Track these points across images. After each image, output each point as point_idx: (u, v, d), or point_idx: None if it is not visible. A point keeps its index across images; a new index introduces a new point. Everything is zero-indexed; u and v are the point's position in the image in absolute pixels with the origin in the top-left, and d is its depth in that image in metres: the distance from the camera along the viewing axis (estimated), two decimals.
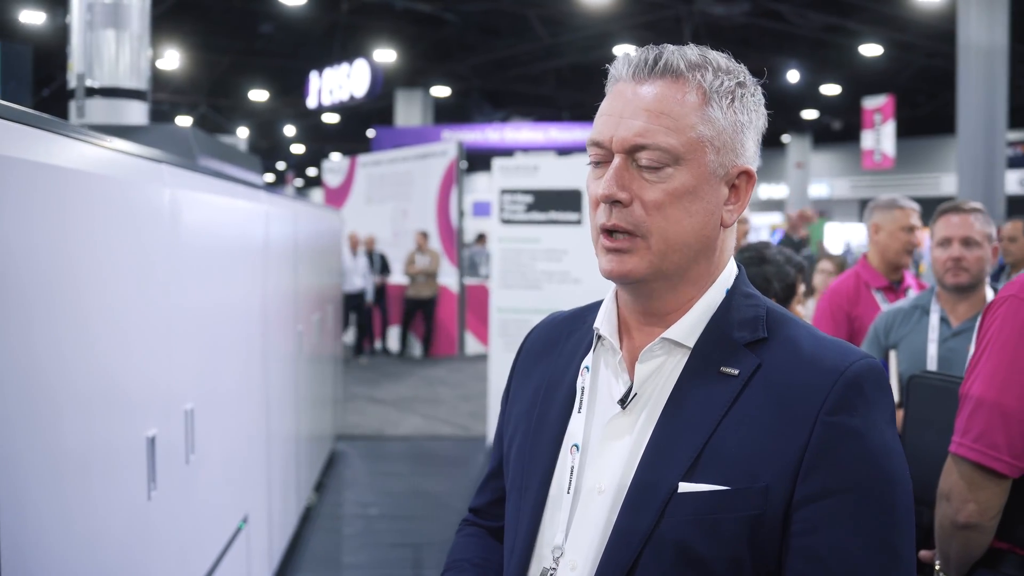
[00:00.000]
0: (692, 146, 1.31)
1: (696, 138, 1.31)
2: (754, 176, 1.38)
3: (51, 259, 2.09)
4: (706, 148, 1.32)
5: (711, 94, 1.32)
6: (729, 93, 1.33)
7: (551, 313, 1.67)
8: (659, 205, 1.31)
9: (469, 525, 1.69)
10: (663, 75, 1.33)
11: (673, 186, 1.31)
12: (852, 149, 26.65)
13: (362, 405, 11.20)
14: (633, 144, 1.31)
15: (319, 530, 6.55)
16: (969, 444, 2.14)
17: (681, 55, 1.34)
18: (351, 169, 18.02)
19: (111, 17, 4.51)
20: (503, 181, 8.98)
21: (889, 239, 4.25)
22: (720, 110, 1.32)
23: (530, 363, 1.58)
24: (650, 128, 1.30)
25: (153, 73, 5.78)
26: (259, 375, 4.52)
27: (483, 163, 12.01)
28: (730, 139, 1.34)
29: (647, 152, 1.31)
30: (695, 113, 1.31)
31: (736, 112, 1.34)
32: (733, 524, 1.25)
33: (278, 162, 39.35)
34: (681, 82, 1.32)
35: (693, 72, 1.32)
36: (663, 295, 1.38)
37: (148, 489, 2.71)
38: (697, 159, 1.31)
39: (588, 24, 18.09)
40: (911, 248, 4.24)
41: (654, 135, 1.30)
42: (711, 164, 1.32)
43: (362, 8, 17.61)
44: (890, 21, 17.56)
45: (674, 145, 1.30)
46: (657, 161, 1.31)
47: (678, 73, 1.32)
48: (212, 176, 3.72)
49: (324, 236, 7.62)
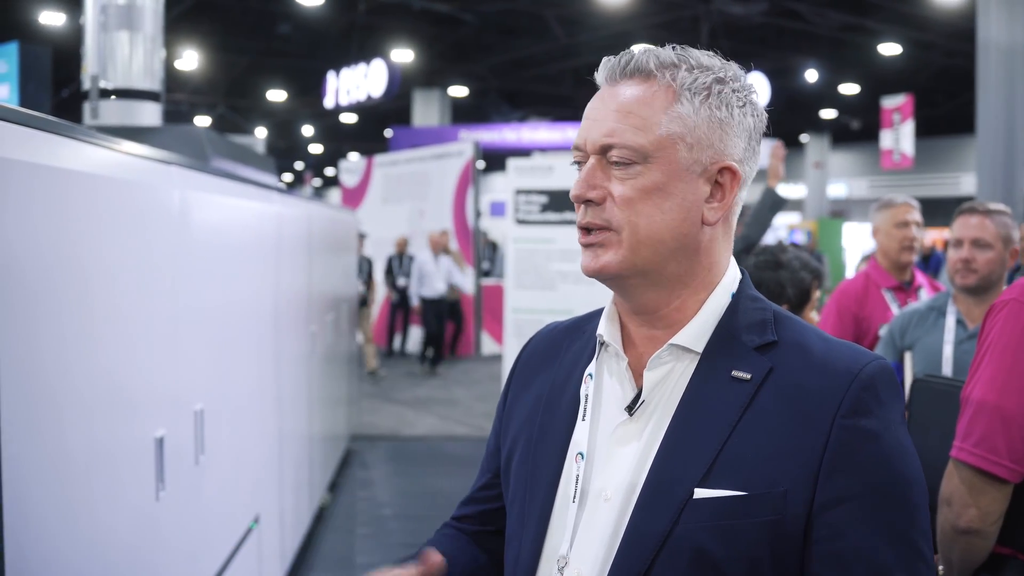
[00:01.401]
0: (660, 144, 1.31)
1: (664, 135, 1.32)
2: (739, 173, 1.36)
3: (58, 260, 2.09)
4: (676, 145, 1.32)
5: (681, 91, 1.32)
6: (704, 89, 1.33)
7: (547, 324, 1.67)
8: (629, 200, 1.32)
9: (446, 528, 1.66)
10: (632, 76, 1.35)
11: (643, 183, 1.32)
12: (871, 149, 26.51)
13: (377, 405, 11.22)
14: (602, 144, 1.33)
15: (333, 530, 6.56)
16: (970, 449, 2.13)
17: (653, 55, 1.35)
18: (368, 169, 18.05)
19: (125, 19, 4.52)
20: (518, 181, 8.99)
21: (886, 238, 4.27)
22: (691, 106, 1.32)
23: (528, 374, 1.57)
24: (617, 128, 1.32)
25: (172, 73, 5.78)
26: (271, 375, 4.53)
27: (500, 163, 12.03)
28: (705, 135, 1.33)
29: (615, 151, 1.32)
30: (663, 111, 1.32)
31: (712, 108, 1.33)
32: (752, 530, 1.24)
33: (296, 162, 39.45)
34: (650, 81, 1.34)
35: (663, 71, 1.34)
36: (645, 293, 1.37)
37: (156, 490, 2.71)
38: (667, 156, 1.32)
39: (606, 24, 18.06)
40: (908, 243, 4.22)
41: (621, 134, 1.32)
42: (683, 160, 1.32)
43: (379, 8, 17.63)
44: (909, 20, 17.45)
45: (641, 143, 1.31)
46: (625, 158, 1.32)
47: (647, 73, 1.34)
48: (223, 177, 3.73)
49: (338, 237, 7.63)
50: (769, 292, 2.87)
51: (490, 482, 1.61)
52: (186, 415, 3.04)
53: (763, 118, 1.41)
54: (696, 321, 1.37)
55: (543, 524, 1.40)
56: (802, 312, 2.89)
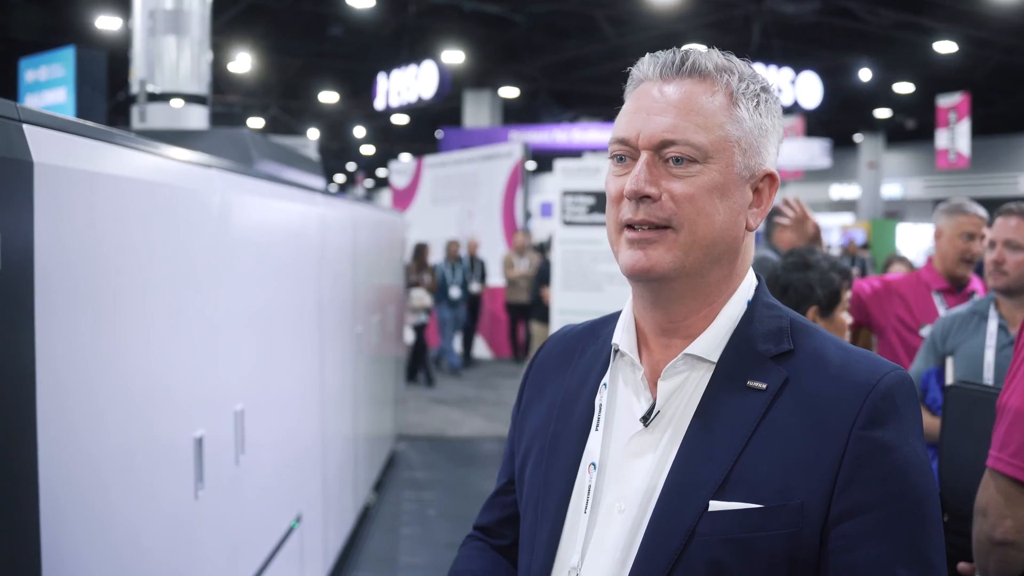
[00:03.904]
0: (720, 145, 1.31)
1: (724, 137, 1.31)
2: (777, 180, 1.38)
3: (97, 263, 2.13)
4: (733, 148, 1.32)
5: (738, 96, 1.33)
6: (755, 96, 1.35)
7: (563, 326, 1.66)
8: (691, 197, 1.30)
9: (474, 540, 1.64)
10: (691, 75, 1.34)
11: (702, 181, 1.31)
12: (926, 148, 26.12)
13: (424, 405, 11.27)
14: (662, 140, 1.31)
15: (377, 529, 6.61)
16: (1007, 459, 2.08)
17: (707, 57, 1.35)
18: (417, 170, 18.15)
19: (172, 24, 4.60)
20: (565, 183, 8.98)
21: (948, 245, 4.10)
22: (747, 112, 1.33)
23: (542, 379, 1.56)
24: (679, 124, 1.31)
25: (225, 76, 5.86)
26: (315, 376, 4.58)
27: (551, 164, 11.98)
28: (755, 142, 1.34)
29: (676, 148, 1.30)
30: (723, 112, 1.32)
31: (761, 116, 1.35)
32: (768, 542, 1.23)
33: (348, 163, 39.71)
34: (709, 82, 1.33)
35: (720, 74, 1.34)
36: (683, 298, 1.36)
37: (195, 489, 2.76)
38: (725, 158, 1.31)
39: (656, 24, 17.96)
40: (969, 257, 4.06)
41: (683, 131, 1.30)
42: (738, 165, 1.33)
43: (430, 10, 17.70)
44: (965, 17, 17.16)
45: (703, 142, 1.30)
46: (688, 156, 1.30)
47: (705, 73, 1.33)
48: (265, 180, 3.77)
49: (384, 238, 7.68)
50: (798, 294, 2.84)
51: (507, 487, 1.61)
52: (226, 415, 3.09)
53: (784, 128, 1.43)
54: (711, 330, 1.36)
55: (555, 534, 1.39)
56: (832, 313, 2.86)
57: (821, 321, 2.84)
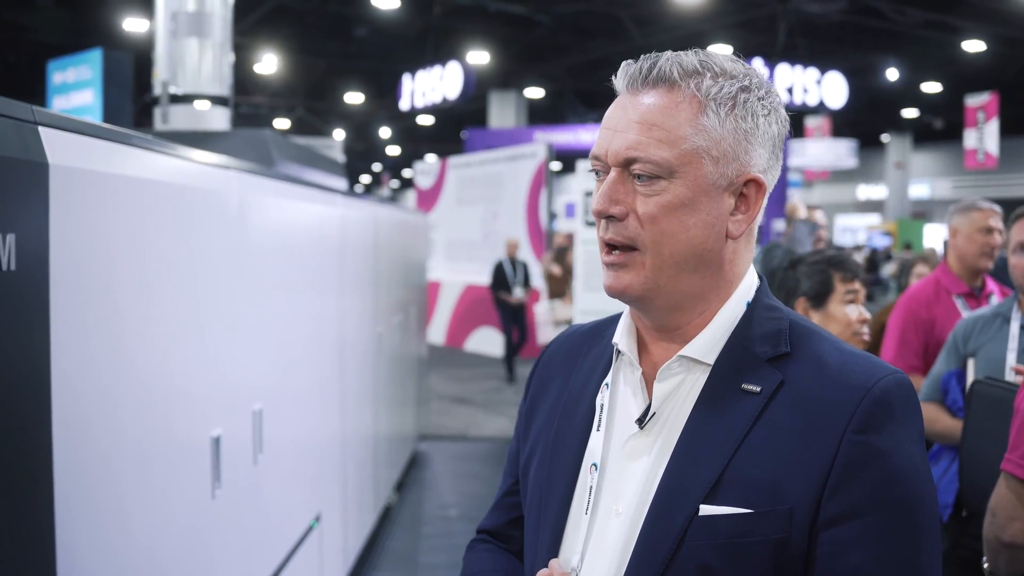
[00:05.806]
0: (686, 158, 1.28)
1: (690, 149, 1.28)
2: (764, 184, 1.33)
3: (115, 263, 2.15)
4: (702, 159, 1.28)
5: (706, 102, 1.28)
6: (729, 99, 1.29)
7: (570, 326, 1.65)
8: (653, 218, 1.29)
9: (483, 543, 1.63)
10: (656, 85, 1.30)
11: (667, 199, 1.28)
12: (954, 148, 25.94)
13: (446, 406, 11.28)
14: (625, 157, 1.29)
15: (398, 529, 6.62)
16: (1017, 460, 2.07)
17: (676, 62, 1.30)
18: (442, 171, 18.18)
19: (194, 26, 4.63)
20: (587, 183, 8.97)
21: (967, 242, 4.11)
22: (717, 118, 1.28)
23: (547, 379, 1.56)
24: (641, 141, 1.28)
25: (251, 77, 5.86)
26: (334, 376, 4.59)
27: (575, 165, 11.92)
28: (731, 148, 1.29)
29: (639, 165, 1.28)
30: (688, 124, 1.28)
31: (738, 119, 1.30)
32: (758, 547, 1.22)
33: (374, 164, 39.85)
34: (675, 91, 1.29)
35: (687, 80, 1.29)
36: (668, 312, 1.35)
37: (212, 488, 2.77)
38: (692, 171, 1.28)
39: (681, 24, 17.91)
40: (989, 250, 4.09)
41: (645, 148, 1.28)
42: (709, 175, 1.29)
43: (455, 10, 17.74)
44: (993, 16, 17.02)
45: (666, 158, 1.27)
46: (649, 173, 1.28)
47: (671, 82, 1.30)
48: (284, 181, 3.79)
49: (406, 239, 7.70)
50: (787, 289, 2.94)
51: (513, 488, 1.61)
52: (244, 415, 3.10)
53: (787, 124, 1.38)
54: (707, 332, 1.34)
55: (557, 535, 1.38)
56: (825, 304, 2.88)
57: (813, 313, 2.88)
